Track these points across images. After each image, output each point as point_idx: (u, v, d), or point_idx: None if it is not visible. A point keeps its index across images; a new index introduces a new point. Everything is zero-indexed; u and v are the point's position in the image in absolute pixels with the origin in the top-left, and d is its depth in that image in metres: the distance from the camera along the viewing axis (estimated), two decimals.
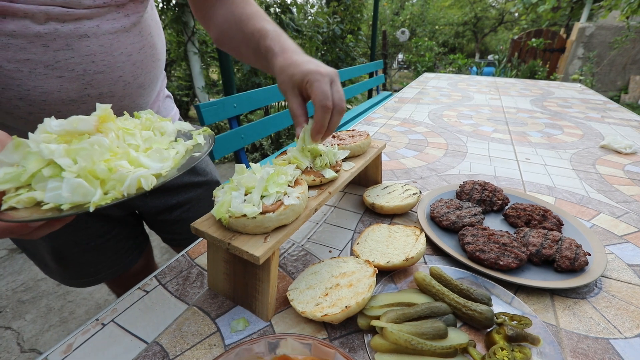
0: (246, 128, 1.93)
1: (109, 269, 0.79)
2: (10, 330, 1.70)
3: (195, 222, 0.47)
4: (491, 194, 0.72)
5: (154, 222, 0.84)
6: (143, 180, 0.34)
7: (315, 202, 0.51)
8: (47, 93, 0.49)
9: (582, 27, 7.17)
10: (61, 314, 1.80)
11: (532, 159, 1.06)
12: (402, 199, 0.70)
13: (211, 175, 0.87)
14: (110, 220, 0.75)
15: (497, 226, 0.66)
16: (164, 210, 0.80)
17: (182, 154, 0.41)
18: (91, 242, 0.73)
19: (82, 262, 0.74)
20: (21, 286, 2.02)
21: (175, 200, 0.80)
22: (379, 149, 0.73)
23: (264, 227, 0.43)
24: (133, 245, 0.83)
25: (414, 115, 1.61)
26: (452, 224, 0.62)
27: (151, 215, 0.81)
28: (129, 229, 0.81)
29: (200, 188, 0.84)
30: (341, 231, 0.67)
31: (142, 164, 0.36)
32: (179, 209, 0.81)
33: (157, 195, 0.78)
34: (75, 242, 0.71)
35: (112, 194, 0.32)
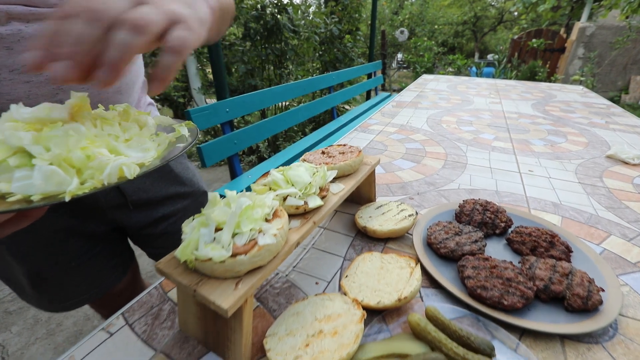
0: (240, 133, 1.87)
1: (92, 290, 0.74)
2: None
3: (160, 261, 0.41)
4: (493, 215, 0.66)
5: (138, 236, 0.80)
6: (125, 168, 0.31)
7: (297, 235, 0.45)
8: (15, 100, 0.46)
9: (583, 27, 7.11)
10: (48, 325, 1.75)
11: (535, 170, 1.00)
12: (397, 221, 0.65)
13: (198, 186, 0.83)
14: (92, 237, 0.71)
15: (500, 253, 0.61)
16: (149, 224, 0.76)
17: (165, 145, 0.39)
18: (72, 262, 0.68)
19: (62, 283, 0.70)
20: (8, 295, 1.96)
21: (160, 213, 0.76)
22: (372, 166, 0.68)
23: (234, 272, 0.37)
24: (117, 262, 0.78)
25: (412, 121, 1.55)
26: (450, 252, 0.57)
27: (135, 229, 0.76)
28: (113, 245, 0.77)
29: (186, 199, 0.80)
30: (330, 258, 0.61)
31: (122, 152, 0.33)
32: (164, 222, 0.77)
33: (141, 208, 0.73)
34: (54, 262, 0.66)
35: (90, 183, 0.29)
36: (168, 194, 0.76)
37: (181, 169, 0.79)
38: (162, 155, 0.37)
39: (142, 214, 0.74)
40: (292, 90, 2.51)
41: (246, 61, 3.42)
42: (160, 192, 0.74)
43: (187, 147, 0.39)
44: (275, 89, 2.24)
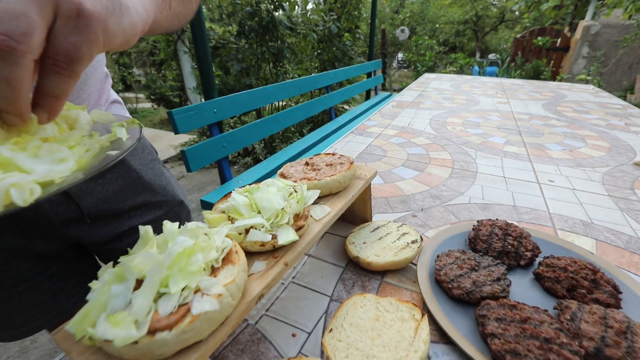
0: (229, 135, 1.75)
1: (45, 316, 0.63)
2: None
3: (58, 330, 0.29)
4: (516, 242, 0.54)
5: (101, 252, 0.68)
6: (15, 191, 0.22)
7: (259, 284, 0.33)
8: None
9: (587, 26, 6.97)
10: (22, 342, 1.62)
11: (556, 180, 0.88)
12: (397, 250, 0.52)
13: (172, 194, 0.72)
14: (44, 257, 0.59)
15: (528, 294, 0.48)
16: (113, 239, 0.64)
17: (95, 151, 0.30)
18: (18, 286, 0.57)
19: (6, 310, 0.59)
20: None
21: (126, 226, 0.64)
22: (367, 180, 0.55)
23: (154, 355, 0.25)
24: (77, 283, 0.66)
25: (413, 122, 1.43)
26: (466, 294, 0.44)
27: (97, 245, 0.64)
28: (70, 265, 0.65)
29: (158, 209, 0.69)
30: (314, 297, 0.49)
31: (20, 167, 0.24)
32: (131, 236, 0.65)
33: (103, 221, 0.61)
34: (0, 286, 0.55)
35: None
36: (135, 204, 0.65)
37: (152, 175, 0.68)
38: (90, 165, 0.28)
39: (104, 228, 0.62)
40: (287, 89, 2.38)
41: (241, 59, 3.30)
42: (125, 203, 0.63)
43: (124, 153, 0.29)
44: (269, 87, 2.12)
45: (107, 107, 0.61)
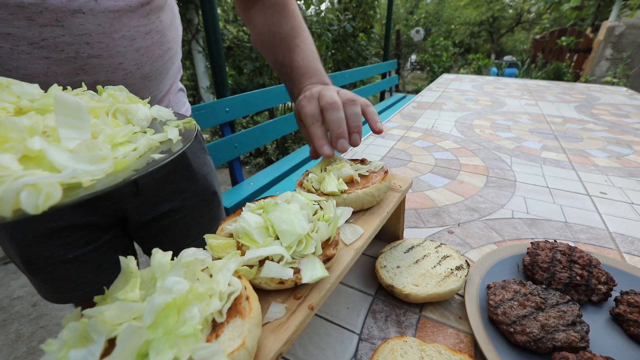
0: (241, 135, 1.68)
1: (90, 287, 0.66)
2: None
3: None
4: (585, 271, 0.44)
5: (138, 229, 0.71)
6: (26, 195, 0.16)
7: (278, 341, 0.24)
8: (31, 76, 0.42)
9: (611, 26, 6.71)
10: (30, 342, 1.59)
11: (609, 192, 0.77)
12: (440, 278, 0.43)
13: (210, 185, 0.74)
14: (95, 230, 0.63)
15: (605, 337, 0.39)
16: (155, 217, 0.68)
17: (141, 152, 0.26)
18: (69, 254, 0.61)
19: (58, 276, 0.62)
20: None
21: (166, 207, 0.68)
22: (402, 192, 0.46)
23: None
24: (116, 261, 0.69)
25: (437, 124, 1.33)
26: (533, 342, 0.35)
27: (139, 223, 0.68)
28: (117, 240, 0.69)
29: (195, 197, 0.71)
30: (338, 335, 0.40)
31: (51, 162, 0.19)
32: (168, 218, 0.69)
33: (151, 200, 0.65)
34: (49, 255, 0.60)
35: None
36: (178, 188, 0.68)
37: (198, 163, 0.71)
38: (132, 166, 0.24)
39: (150, 206, 0.66)
40: None
41: (254, 59, 3.24)
42: (171, 186, 0.67)
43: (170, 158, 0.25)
44: (281, 86, 2.05)
45: (175, 94, 0.65)
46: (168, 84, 0.62)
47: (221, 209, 0.83)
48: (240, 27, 4.08)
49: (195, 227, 0.74)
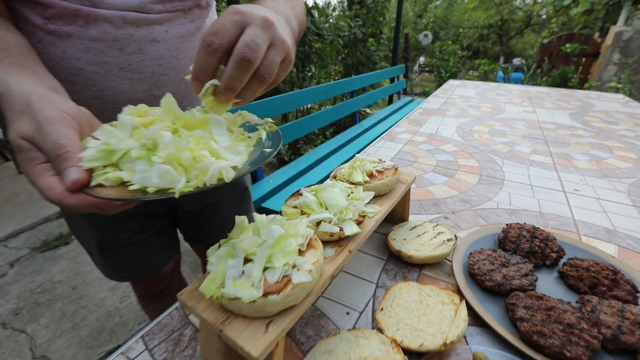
0: None
1: (145, 267, 0.80)
2: (24, 335, 1.69)
3: (183, 292, 0.38)
4: (543, 244, 0.60)
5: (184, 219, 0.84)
6: (224, 171, 0.32)
7: (331, 267, 0.41)
8: (118, 93, 0.53)
9: (619, 31, 6.74)
10: (73, 319, 1.78)
11: (581, 190, 0.92)
12: (435, 246, 0.59)
13: (242, 180, 0.88)
14: (152, 218, 0.76)
15: (553, 288, 0.54)
16: (200, 209, 0.81)
17: (251, 149, 0.39)
18: (132, 238, 0.74)
19: (121, 257, 0.76)
20: (38, 287, 2.03)
21: (209, 200, 0.81)
22: (408, 184, 0.63)
23: (265, 312, 0.33)
24: (169, 243, 0.84)
25: (441, 130, 1.48)
26: (497, 285, 0.51)
27: (186, 213, 0.81)
28: (167, 227, 0.82)
29: (231, 191, 0.84)
30: (361, 284, 0.56)
31: (221, 156, 0.34)
32: (208, 210, 0.82)
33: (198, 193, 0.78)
34: (117, 238, 0.73)
35: (194, 182, 0.31)
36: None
37: None
38: (251, 159, 0.36)
39: (197, 198, 0.79)
40: (315, 94, 2.48)
41: None
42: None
43: (274, 153, 0.37)
44: (298, 92, 2.22)
45: None
46: None
47: (251, 203, 0.95)
48: None
49: (230, 218, 0.86)
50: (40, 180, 0.31)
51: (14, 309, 1.88)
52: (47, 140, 0.31)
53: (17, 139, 0.31)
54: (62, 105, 0.34)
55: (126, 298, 1.96)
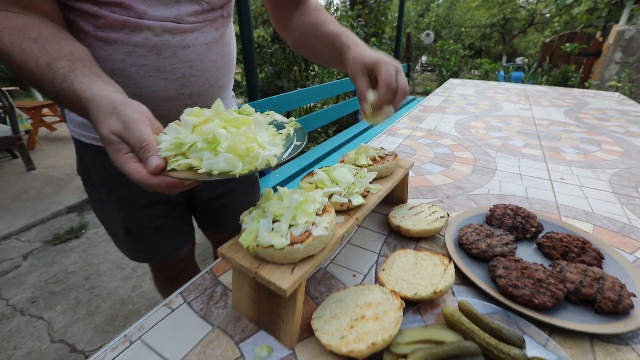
0: None
1: (165, 249, 0.88)
2: (42, 320, 1.79)
3: (222, 247, 0.47)
4: (524, 220, 0.69)
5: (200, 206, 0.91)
6: (270, 159, 0.40)
7: (342, 229, 0.50)
8: (154, 91, 0.61)
9: (621, 30, 6.78)
10: (88, 307, 1.88)
11: (567, 179, 1.01)
12: (429, 222, 0.68)
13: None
14: (172, 204, 0.83)
15: (530, 256, 0.63)
16: (215, 197, 0.88)
17: (284, 142, 0.46)
18: (155, 222, 0.81)
19: (144, 239, 0.83)
20: (53, 277, 2.13)
21: (223, 189, 0.88)
22: (406, 169, 0.71)
23: (291, 258, 0.42)
24: (186, 229, 0.92)
25: (439, 126, 1.57)
26: (482, 252, 0.60)
27: (202, 201, 0.89)
28: (184, 214, 0.90)
29: (242, 181, 0.93)
30: (365, 253, 0.65)
31: (265, 147, 0.42)
32: (222, 198, 0.89)
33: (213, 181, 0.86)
34: (142, 222, 0.80)
35: (247, 166, 0.39)
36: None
37: None
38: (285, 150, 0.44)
39: (212, 187, 0.86)
40: (319, 93, 2.56)
41: (274, 63, 3.51)
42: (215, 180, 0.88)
43: (301, 146, 0.45)
44: (302, 91, 2.31)
45: (230, 99, 0.83)
46: (229, 91, 0.80)
47: (259, 193, 1.03)
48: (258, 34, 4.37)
49: (241, 206, 0.92)
50: (127, 166, 0.39)
51: (31, 298, 1.98)
52: (132, 136, 0.39)
53: (109, 134, 0.39)
54: (139, 108, 0.42)
55: (138, 287, 2.05)
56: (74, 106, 0.45)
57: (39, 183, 3.45)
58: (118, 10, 0.54)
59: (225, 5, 0.67)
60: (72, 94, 0.43)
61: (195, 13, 0.60)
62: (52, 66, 0.45)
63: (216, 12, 0.65)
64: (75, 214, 2.92)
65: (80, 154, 0.74)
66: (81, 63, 0.46)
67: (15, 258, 2.34)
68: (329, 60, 0.73)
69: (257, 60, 3.75)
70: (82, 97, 0.43)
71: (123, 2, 0.53)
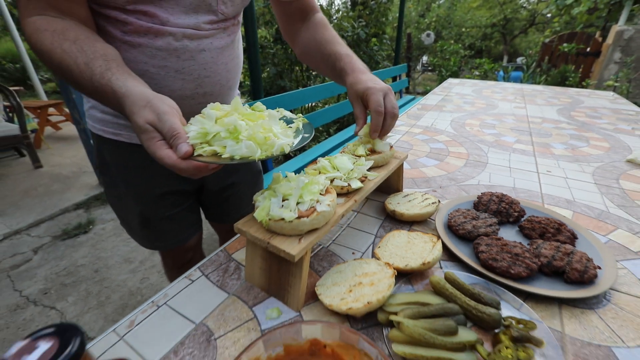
0: None
1: (176, 237, 0.94)
2: (54, 310, 1.86)
3: (238, 222, 0.54)
4: (508, 205, 0.75)
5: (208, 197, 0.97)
6: (285, 146, 0.47)
7: (342, 208, 0.57)
8: (172, 90, 0.67)
9: (620, 30, 6.83)
10: (99, 298, 1.95)
11: (553, 171, 1.07)
12: (422, 207, 0.75)
13: (257, 164, 1.03)
14: (184, 195, 0.89)
15: (512, 237, 0.70)
16: (222, 188, 0.94)
17: (294, 134, 0.54)
18: (168, 212, 0.87)
19: (159, 228, 0.89)
20: (63, 270, 2.20)
21: (230, 181, 0.94)
22: (401, 159, 0.78)
23: (298, 230, 0.49)
24: (195, 220, 0.98)
25: (436, 123, 1.64)
26: (467, 232, 0.67)
27: (211, 192, 0.95)
28: (194, 205, 0.96)
29: (247, 173, 0.99)
30: (363, 235, 0.72)
31: (279, 137, 0.49)
32: (229, 190, 0.96)
33: (221, 174, 0.91)
34: (157, 212, 0.86)
35: (265, 153, 0.46)
36: (238, 167, 0.94)
37: None
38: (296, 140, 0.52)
39: (220, 178, 0.92)
40: (320, 92, 2.63)
41: (276, 63, 3.58)
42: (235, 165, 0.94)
43: (309, 137, 0.53)
44: (304, 90, 2.37)
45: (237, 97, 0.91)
46: (236, 90, 0.86)
47: (263, 186, 1.10)
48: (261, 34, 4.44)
49: (246, 198, 1.01)
50: (160, 152, 0.45)
51: (43, 289, 2.05)
52: (164, 126, 0.45)
53: (144, 124, 0.46)
54: (169, 102, 0.49)
55: (146, 280, 2.12)
56: (109, 100, 0.52)
57: (47, 181, 3.53)
58: (144, 17, 0.60)
59: (237, 15, 0.74)
60: (109, 89, 0.50)
61: (211, 22, 0.67)
62: (90, 65, 0.51)
63: (229, 22, 0.71)
64: (82, 211, 2.99)
65: (99, 148, 0.80)
66: (115, 63, 0.53)
67: (26, 252, 2.41)
68: (331, 77, 0.83)
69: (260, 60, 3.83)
70: (118, 93, 0.49)
71: (148, 11, 0.60)
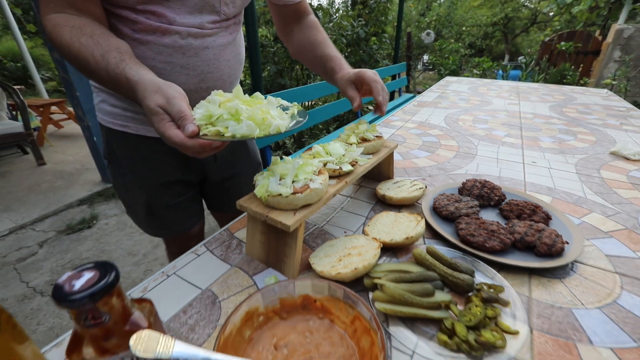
0: None
1: (180, 226, 0.98)
2: None
3: (240, 200, 0.60)
4: (489, 190, 0.81)
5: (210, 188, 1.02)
6: (281, 126, 0.53)
7: (334, 188, 0.63)
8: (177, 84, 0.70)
9: (620, 29, 6.86)
10: None
11: (538, 162, 1.13)
12: (410, 192, 0.81)
13: (256, 156, 1.09)
14: (187, 185, 0.94)
15: (492, 218, 0.76)
16: (224, 179, 0.99)
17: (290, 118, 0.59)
18: (172, 201, 0.92)
19: (163, 217, 0.94)
20: (68, 263, 2.27)
21: (231, 173, 0.99)
22: (391, 148, 0.84)
23: (293, 205, 0.55)
24: (198, 209, 1.03)
25: (430, 118, 1.70)
26: (450, 213, 0.73)
27: (213, 183, 0.99)
28: (196, 195, 1.01)
29: (247, 165, 1.04)
30: (355, 217, 0.78)
31: (276, 119, 0.54)
32: (230, 181, 1.00)
33: (222, 166, 0.96)
34: (161, 200, 0.90)
35: (263, 132, 0.51)
36: (239, 158, 0.99)
37: (251, 143, 1.06)
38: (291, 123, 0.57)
39: (221, 170, 0.96)
40: (319, 90, 2.69)
41: (276, 61, 3.64)
42: (235, 157, 0.97)
43: (303, 122, 0.58)
44: (303, 88, 2.43)
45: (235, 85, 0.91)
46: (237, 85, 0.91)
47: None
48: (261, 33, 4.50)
49: (246, 189, 1.00)
50: (169, 132, 0.50)
51: (49, 281, 2.12)
52: (173, 109, 0.50)
53: (155, 107, 0.51)
54: (177, 89, 0.54)
55: (149, 272, 2.19)
56: (122, 87, 0.58)
57: (50, 177, 3.60)
58: (152, 17, 0.66)
59: (238, 14, 0.80)
60: (124, 78, 0.56)
61: (215, 21, 0.72)
62: (105, 56, 0.57)
63: (230, 21, 0.77)
64: (86, 206, 3.06)
65: (108, 139, 0.85)
66: (127, 55, 0.59)
67: (31, 246, 2.48)
68: (321, 75, 0.90)
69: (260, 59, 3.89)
70: (132, 80, 0.55)
71: (157, 11, 0.66)
